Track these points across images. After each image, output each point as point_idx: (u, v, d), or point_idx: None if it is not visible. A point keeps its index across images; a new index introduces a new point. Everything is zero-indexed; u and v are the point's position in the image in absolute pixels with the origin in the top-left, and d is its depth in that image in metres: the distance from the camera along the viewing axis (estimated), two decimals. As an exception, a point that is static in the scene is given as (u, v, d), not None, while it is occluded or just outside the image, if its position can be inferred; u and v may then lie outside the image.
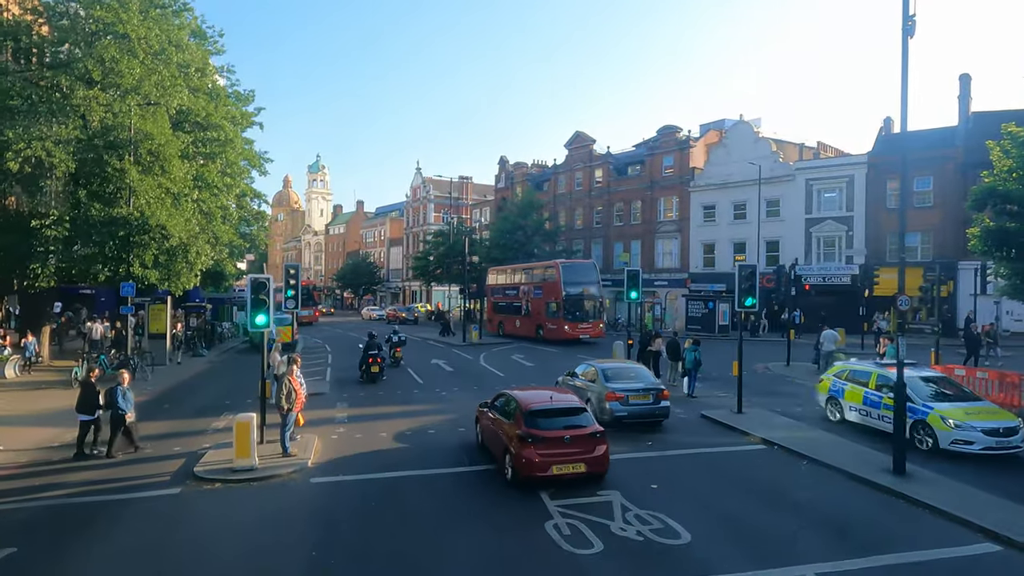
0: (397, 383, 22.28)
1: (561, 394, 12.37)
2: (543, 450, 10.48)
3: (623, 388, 14.95)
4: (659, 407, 15.01)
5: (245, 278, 63.40)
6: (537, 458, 10.39)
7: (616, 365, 16.60)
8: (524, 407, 11.21)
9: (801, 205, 42.21)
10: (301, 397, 12.65)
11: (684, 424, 15.50)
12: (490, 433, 12.35)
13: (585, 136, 56.17)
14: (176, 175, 25.78)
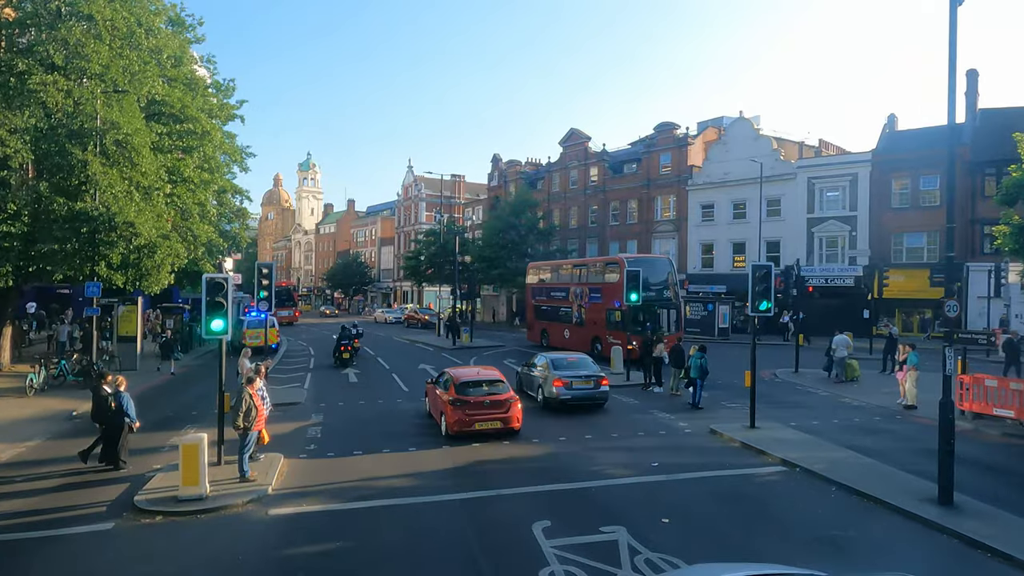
0: (381, 390, 20.82)
1: (487, 370, 16.16)
2: (469, 412, 14.01)
3: (567, 375, 17.32)
4: (599, 391, 17.38)
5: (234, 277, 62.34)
6: (465, 417, 13.95)
7: (564, 356, 18.93)
8: (456, 380, 14.83)
9: (803, 204, 40.93)
10: (262, 414, 11.12)
11: (692, 441, 14.07)
12: (432, 400, 15.95)
13: (580, 133, 54.78)
14: (146, 168, 24.15)
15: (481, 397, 14.26)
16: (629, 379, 21.47)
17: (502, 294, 61.47)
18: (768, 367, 24.99)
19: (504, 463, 12.32)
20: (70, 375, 21.36)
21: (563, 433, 14.69)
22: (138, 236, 22.96)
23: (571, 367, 17.75)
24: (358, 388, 21.43)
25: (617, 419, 16.20)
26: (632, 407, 17.72)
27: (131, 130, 23.19)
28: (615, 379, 21.86)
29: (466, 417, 13.90)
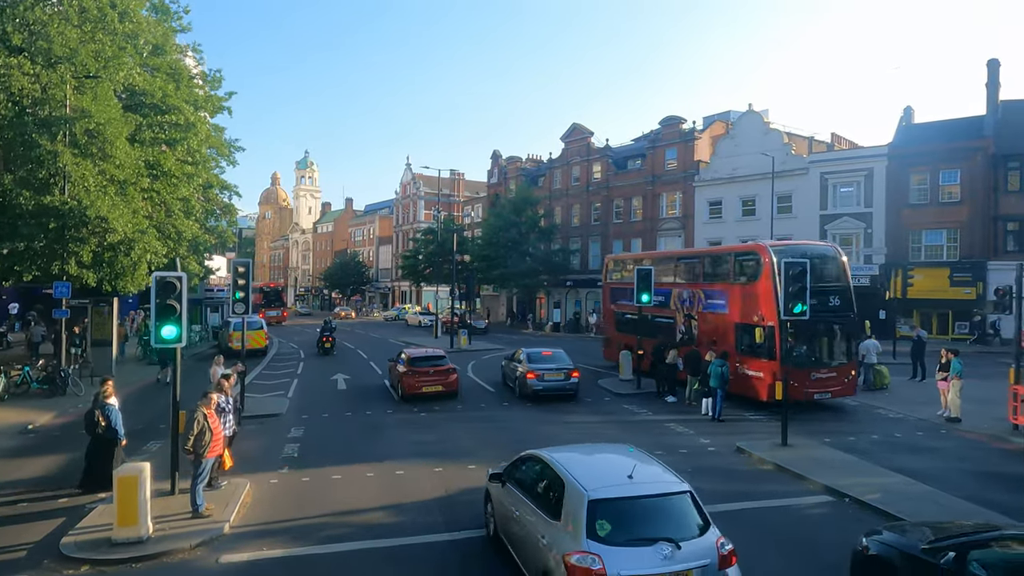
0: (370, 399, 19.20)
1: (434, 349, 21.92)
2: (417, 379, 18.67)
3: (540, 368, 18.78)
4: (569, 383, 18.70)
5: (226, 276, 60.41)
6: (415, 383, 18.63)
7: (539, 351, 20.16)
8: (408, 356, 19.65)
9: (815, 200, 39.27)
10: (219, 438, 9.45)
11: (717, 461, 12.41)
12: (392, 374, 20.66)
13: (583, 128, 53.13)
14: (121, 160, 22.54)
15: (427, 368, 19.16)
16: (640, 387, 19.79)
17: (502, 294, 59.87)
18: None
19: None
20: (34, 383, 19.72)
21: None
22: (111, 232, 21.36)
23: (545, 360, 19.28)
24: (346, 396, 19.83)
25: (634, 434, 14.54)
26: (647, 421, 16.07)
27: (104, 119, 21.56)
28: (621, 386, 20.30)
29: (416, 383, 18.79)
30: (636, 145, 52.33)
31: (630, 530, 6.11)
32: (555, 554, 6.13)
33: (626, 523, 6.16)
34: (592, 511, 6.11)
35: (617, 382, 20.96)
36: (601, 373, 23.50)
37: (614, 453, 7.96)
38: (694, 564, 5.90)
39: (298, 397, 19.70)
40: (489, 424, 15.82)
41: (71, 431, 15.09)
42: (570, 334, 44.59)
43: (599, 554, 5.81)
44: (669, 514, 6.35)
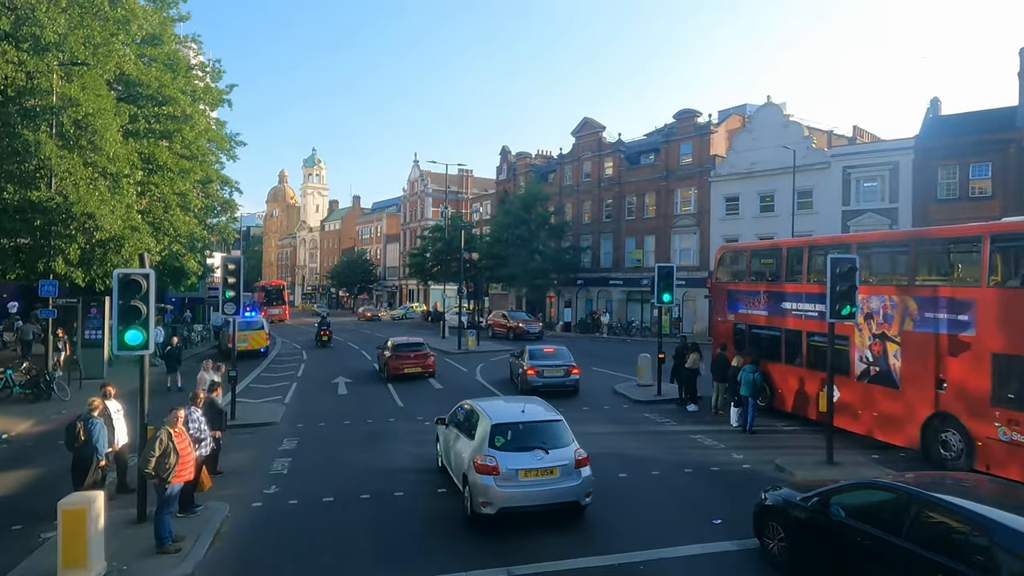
0: (372, 406, 17.95)
1: (415, 338, 25.11)
2: (400, 362, 22.38)
3: (539, 364, 19.15)
4: (568, 379, 19.06)
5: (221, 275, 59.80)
6: (398, 364, 22.35)
7: (541, 348, 20.81)
8: (393, 344, 23.29)
9: (837, 196, 37.69)
10: (187, 461, 8.19)
11: (757, 482, 11.05)
12: (381, 359, 23.99)
13: (594, 123, 51.72)
14: (112, 152, 21.40)
15: (408, 352, 22.78)
16: (660, 393, 18.45)
17: (510, 293, 58.55)
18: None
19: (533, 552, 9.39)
20: (16, 387, 18.61)
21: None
22: (100, 229, 20.23)
23: (546, 357, 19.64)
24: (346, 403, 18.60)
25: (658, 448, 13.23)
26: (671, 433, 14.73)
27: (93, 109, 20.41)
28: (640, 392, 18.98)
29: (399, 364, 22.39)
30: (649, 140, 50.92)
31: (517, 442, 9.26)
32: (469, 460, 9.26)
33: (514, 438, 9.31)
34: (493, 431, 9.31)
35: (635, 388, 19.64)
36: (620, 378, 22.16)
37: (520, 402, 10.85)
38: (557, 463, 9.05)
39: (295, 403, 18.51)
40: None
41: (49, 442, 13.99)
42: (582, 335, 43.24)
43: (495, 456, 8.98)
44: (545, 433, 9.50)
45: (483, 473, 8.87)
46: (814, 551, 7.18)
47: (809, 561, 7.26)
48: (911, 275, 12.66)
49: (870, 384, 13.18)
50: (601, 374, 23.44)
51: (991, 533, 5.51)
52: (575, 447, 9.32)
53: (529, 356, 19.73)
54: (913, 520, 6.15)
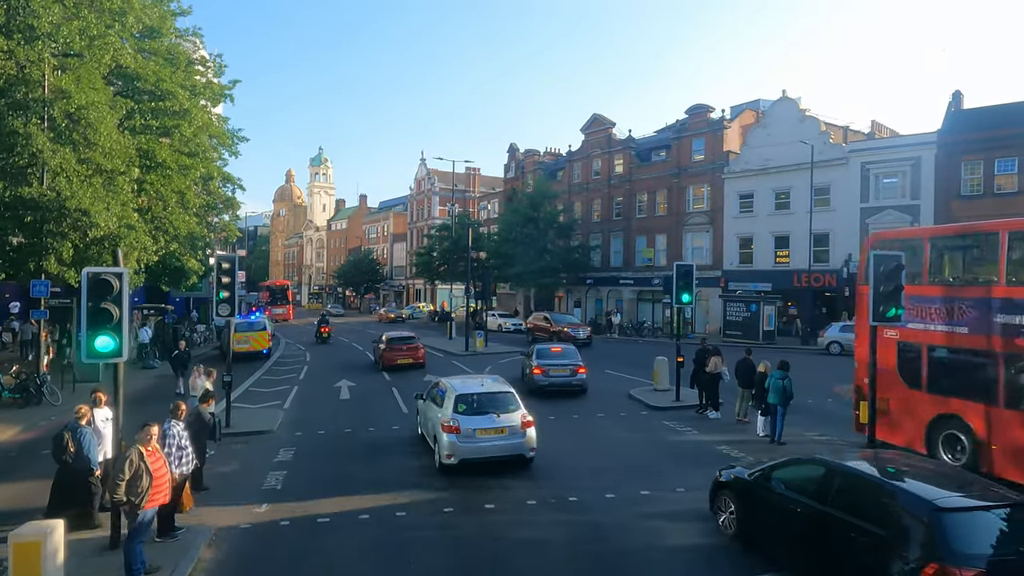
0: (374, 411, 17.08)
1: (407, 331, 29.65)
2: (393, 353, 24.60)
3: (546, 364, 19.13)
4: (575, 379, 19.01)
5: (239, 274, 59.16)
6: (391, 355, 24.59)
7: (549, 347, 20.98)
8: (387, 337, 25.99)
9: (855, 192, 36.60)
10: (162, 483, 7.31)
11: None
12: (376, 351, 26.30)
13: (604, 119, 50.75)
14: (108, 147, 20.61)
15: (400, 345, 25.17)
16: (679, 398, 17.50)
17: (518, 293, 57.70)
18: (834, 380, 20.91)
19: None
20: (6, 392, 17.85)
21: (607, 483, 10.82)
22: (94, 227, 19.44)
23: (553, 357, 19.62)
24: (348, 409, 17.73)
25: (681, 463, 12.28)
26: (694, 443, 13.78)
27: (86, 101, 19.63)
28: (657, 397, 18.02)
29: (392, 356, 24.62)
30: (660, 136, 49.90)
31: (475, 409, 11.56)
32: (438, 423, 11.63)
33: (473, 405, 11.61)
34: (457, 400, 11.62)
35: (652, 393, 18.67)
36: (634, 381, 21.20)
37: (480, 378, 14.03)
38: (506, 424, 11.40)
39: (295, 408, 17.67)
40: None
41: (34, 450, 13.24)
42: (593, 335, 42.15)
43: (458, 419, 11.29)
44: (498, 402, 11.83)
45: (448, 432, 11.33)
46: (758, 520, 8.01)
47: (754, 529, 8.11)
48: None
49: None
50: (615, 377, 22.50)
51: (894, 496, 6.41)
52: (521, 412, 11.80)
53: (536, 355, 19.71)
54: (836, 490, 6.97)
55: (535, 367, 19.11)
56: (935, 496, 6.16)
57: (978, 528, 5.97)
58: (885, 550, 6.09)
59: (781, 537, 7.58)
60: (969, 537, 5.81)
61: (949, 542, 5.71)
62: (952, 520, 5.91)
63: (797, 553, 7.31)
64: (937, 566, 5.59)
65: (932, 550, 5.73)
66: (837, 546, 6.62)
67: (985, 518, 6.08)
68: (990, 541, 5.90)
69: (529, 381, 19.52)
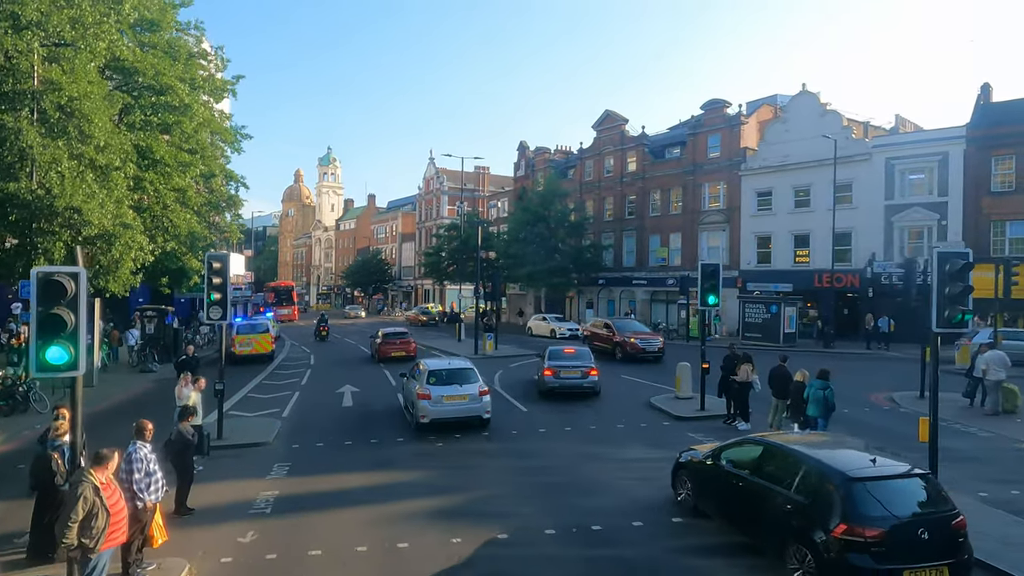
0: (380, 424, 15.99)
1: (399, 327, 33.54)
2: (387, 347, 27.56)
3: (557, 365, 18.93)
4: (586, 381, 18.71)
5: (245, 274, 58.03)
6: (386, 348, 27.58)
7: (562, 348, 20.57)
8: (382, 332, 28.92)
9: (880, 189, 35.22)
10: (119, 519, 6.25)
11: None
12: (372, 346, 29.29)
13: (616, 115, 49.53)
14: (103, 142, 19.72)
15: (395, 339, 28.20)
16: (704, 408, 16.33)
17: (529, 293, 56.55)
18: (870, 387, 19.67)
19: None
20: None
21: (632, 510, 9.70)
22: (87, 225, 18.55)
23: (565, 358, 19.35)
24: (351, 418, 16.69)
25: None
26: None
27: (78, 93, 18.73)
28: (680, 406, 16.86)
29: (387, 349, 27.41)
30: (674, 132, 48.62)
31: (443, 380, 14.91)
32: (414, 393, 14.96)
33: (441, 378, 14.98)
34: (429, 375, 15.02)
35: (674, 401, 17.51)
36: (654, 387, 20.05)
37: (448, 358, 19.66)
38: (467, 391, 14.65)
39: (294, 417, 16.65)
40: (521, 462, 12.52)
41: (14, 462, 12.23)
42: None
43: (430, 389, 14.58)
44: (461, 375, 15.25)
45: (422, 399, 14.50)
46: (709, 494, 9.09)
47: (706, 501, 9.20)
48: None
49: None
50: (632, 383, 21.37)
51: (813, 468, 7.37)
52: (479, 383, 15.06)
53: (548, 356, 19.58)
54: (769, 465, 8.07)
55: (545, 368, 19.00)
56: (846, 467, 7.18)
57: (881, 494, 6.86)
58: (807, 514, 7.07)
59: (728, 508, 8.66)
60: (873, 502, 6.75)
61: (856, 506, 6.70)
62: (859, 488, 6.85)
63: (740, 521, 8.42)
64: (845, 526, 6.61)
65: (843, 513, 6.71)
66: (770, 513, 7.59)
67: (887, 485, 7.04)
68: (890, 505, 6.79)
69: (540, 383, 19.37)
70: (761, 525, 7.82)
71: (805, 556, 6.97)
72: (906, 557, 6.55)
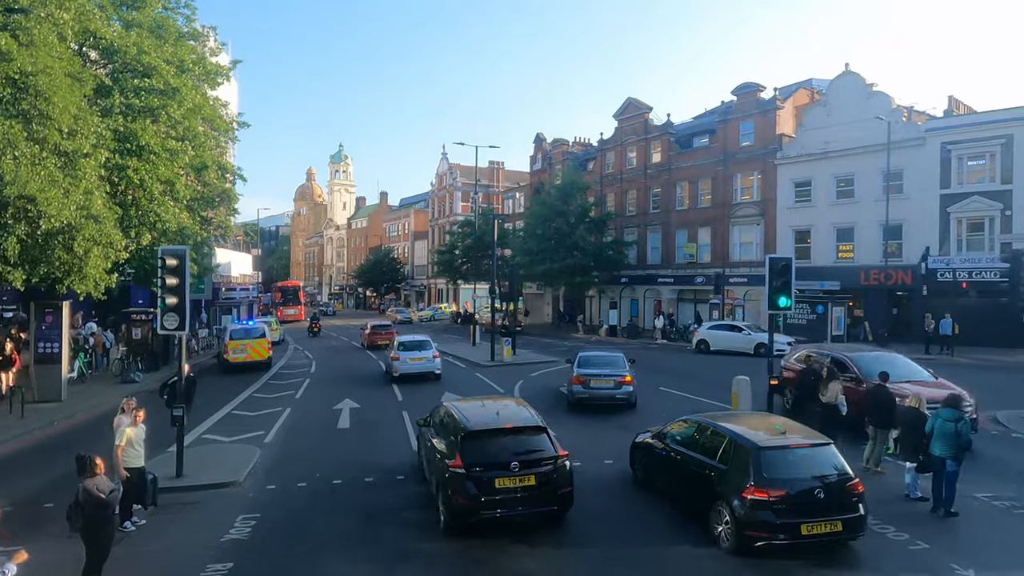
0: (378, 452, 13.29)
1: (384, 321, 44.29)
2: (374, 337, 33.76)
3: (586, 374, 16.88)
4: (620, 392, 16.64)
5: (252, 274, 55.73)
6: (374, 339, 33.65)
7: (595, 354, 18.56)
8: (369, 327, 35.92)
9: (934, 177, 32.05)
10: None
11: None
12: (362, 337, 36.37)
13: (639, 103, 46.58)
14: (67, 124, 17.24)
15: (381, 331, 34.06)
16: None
17: (546, 293, 53.80)
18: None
19: None
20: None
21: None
22: (44, 216, 16.04)
23: (595, 365, 17.34)
24: (345, 444, 14.01)
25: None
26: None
27: (34, 67, 16.23)
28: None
29: (374, 339, 33.45)
30: (703, 120, 45.69)
31: (408, 348, 22.62)
32: (390, 358, 22.99)
33: (408, 347, 22.70)
34: (399, 345, 22.89)
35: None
36: (699, 403, 17.20)
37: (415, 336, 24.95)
38: (426, 355, 22.28)
39: (279, 442, 14.02)
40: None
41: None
42: (631, 340, 38.17)
43: (400, 354, 22.27)
44: (423, 345, 22.79)
45: (394, 360, 22.02)
46: (658, 468, 10.33)
47: (654, 475, 10.45)
48: None
49: None
50: (673, 396, 18.54)
51: (731, 440, 8.69)
52: (434, 351, 22.48)
53: (578, 363, 17.62)
54: (699, 438, 9.39)
55: (574, 377, 17.14)
56: (758, 440, 8.47)
57: (785, 461, 8.26)
58: (726, 479, 8.36)
59: (667, 478, 9.98)
60: (777, 467, 8.12)
61: (763, 471, 8.01)
62: (767, 456, 8.20)
63: (675, 487, 9.72)
64: (754, 487, 7.88)
65: (753, 477, 7.99)
66: (698, 480, 8.94)
67: (791, 454, 8.40)
68: (792, 470, 8.17)
69: (568, 393, 17.65)
70: (693, 490, 9.10)
71: (723, 515, 8.21)
72: (804, 513, 7.80)
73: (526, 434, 8.90)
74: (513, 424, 9.06)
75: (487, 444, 8.62)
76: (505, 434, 8.84)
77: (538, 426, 9.07)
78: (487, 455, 8.45)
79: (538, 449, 8.67)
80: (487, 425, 8.93)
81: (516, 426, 9.02)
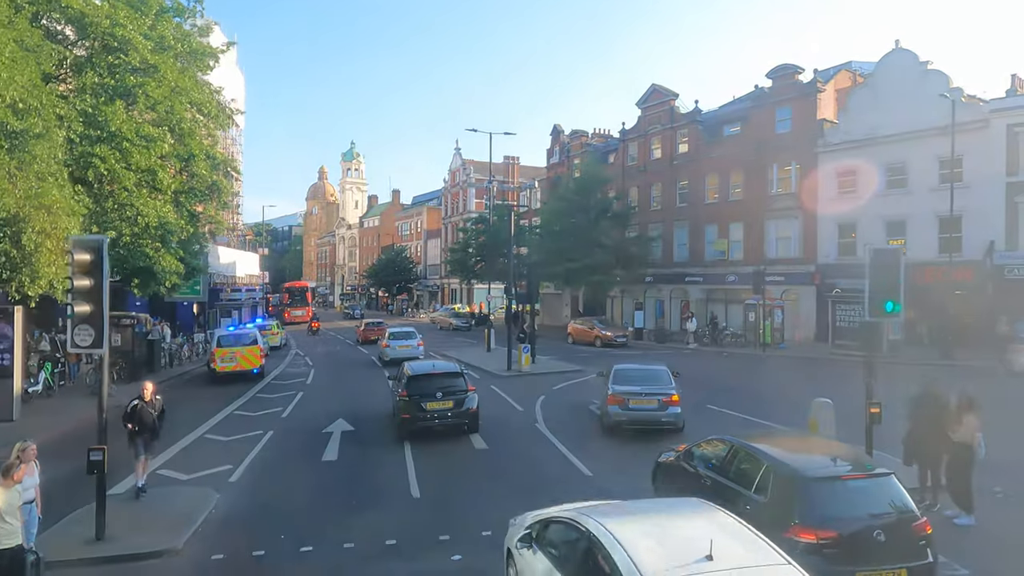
0: (369, 494, 10.55)
1: (377, 318, 51.67)
2: (368, 333, 39.40)
3: (625, 392, 14.33)
4: (666, 414, 14.10)
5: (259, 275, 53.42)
6: (367, 335, 39.30)
7: (632, 366, 15.76)
8: (363, 323, 43.06)
9: (1000, 163, 28.71)
10: None
11: None
12: (357, 333, 42.30)
13: (664, 90, 43.54)
14: (16, 99, 14.78)
15: (374, 327, 39.45)
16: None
17: (565, 293, 50.88)
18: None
19: None
20: None
21: None
22: (-21, 206, 13.57)
23: (634, 381, 14.62)
24: (329, 483, 11.29)
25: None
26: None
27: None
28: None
29: (368, 335, 38.65)
30: (733, 107, 42.49)
31: (397, 337, 29.01)
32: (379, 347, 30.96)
33: (397, 336, 29.27)
34: (390, 335, 29.85)
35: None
36: (756, 424, 14.28)
37: (404, 327, 34.81)
38: (411, 343, 27.98)
39: (246, 484, 11.27)
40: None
41: None
42: (658, 345, 35.18)
43: (390, 343, 28.67)
44: (410, 335, 29.09)
45: (384, 348, 28.77)
46: (684, 494, 8.03)
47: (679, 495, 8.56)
48: None
49: None
50: (727, 417, 15.61)
51: (764, 462, 7.50)
52: (418, 339, 28.56)
53: (613, 379, 14.80)
54: (733, 462, 8.11)
55: (610, 395, 14.38)
56: (804, 468, 7.16)
57: (836, 495, 6.86)
58: (765, 515, 6.72)
59: None
60: (827, 503, 6.75)
61: (811, 507, 6.68)
62: (816, 488, 6.86)
63: None
64: (799, 527, 6.57)
65: (798, 514, 6.69)
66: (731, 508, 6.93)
67: (842, 486, 6.97)
68: (845, 507, 6.76)
69: (602, 414, 14.94)
70: None
71: None
72: (860, 560, 6.53)
73: (450, 378, 14.51)
74: (441, 371, 14.94)
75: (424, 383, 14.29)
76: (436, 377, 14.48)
77: (457, 372, 14.88)
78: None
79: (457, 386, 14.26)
80: (425, 371, 15.03)
81: (443, 372, 14.86)
